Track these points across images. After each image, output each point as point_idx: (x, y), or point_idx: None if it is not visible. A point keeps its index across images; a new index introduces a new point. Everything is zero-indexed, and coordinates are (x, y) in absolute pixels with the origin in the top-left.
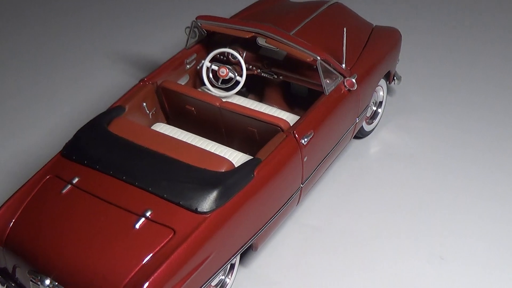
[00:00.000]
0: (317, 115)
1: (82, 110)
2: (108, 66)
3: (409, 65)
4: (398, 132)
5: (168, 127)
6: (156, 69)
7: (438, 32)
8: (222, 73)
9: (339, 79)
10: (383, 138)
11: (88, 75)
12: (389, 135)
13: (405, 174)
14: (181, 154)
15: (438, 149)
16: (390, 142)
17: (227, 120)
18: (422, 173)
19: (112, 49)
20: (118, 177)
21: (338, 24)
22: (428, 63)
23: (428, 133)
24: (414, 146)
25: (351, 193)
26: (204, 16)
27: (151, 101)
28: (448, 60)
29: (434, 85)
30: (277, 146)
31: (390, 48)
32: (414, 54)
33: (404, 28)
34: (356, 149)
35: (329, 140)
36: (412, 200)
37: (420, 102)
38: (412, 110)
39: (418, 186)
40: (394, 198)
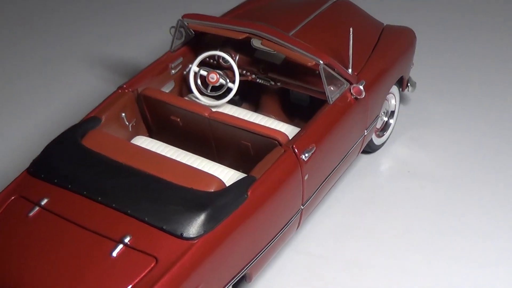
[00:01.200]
0: (320, 127)
1: (52, 121)
2: (82, 70)
3: (425, 69)
4: (413, 146)
5: (150, 141)
6: (137, 75)
7: (458, 32)
8: (212, 79)
9: (344, 86)
10: (396, 153)
11: (59, 81)
12: (402, 149)
13: (421, 194)
14: (164, 172)
15: (459, 166)
16: (404, 158)
17: (217, 133)
18: (441, 193)
19: (87, 51)
20: (92, 198)
21: (344, 23)
22: (447, 67)
23: (447, 148)
24: (432, 163)
25: (359, 216)
26: (191, 14)
27: (131, 111)
28: (470, 64)
29: (454, 93)
30: (274, 162)
31: (403, 50)
32: (431, 57)
33: (418, 28)
34: (364, 166)
35: (333, 156)
36: (429, 225)
37: (438, 111)
38: (429, 121)
39: (436, 209)
40: (408, 222)
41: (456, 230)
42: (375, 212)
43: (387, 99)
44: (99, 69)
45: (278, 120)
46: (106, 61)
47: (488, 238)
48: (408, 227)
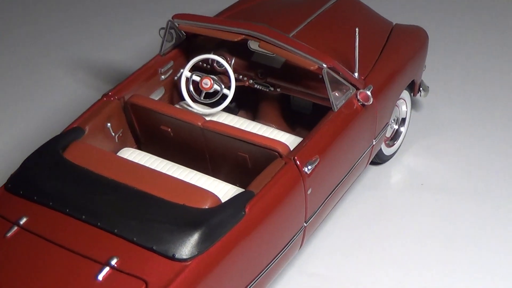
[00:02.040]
0: (324, 137)
1: (31, 132)
2: (64, 76)
3: (439, 72)
4: (426, 156)
5: (138, 153)
6: (123, 81)
7: (474, 31)
8: (206, 85)
9: (350, 92)
10: (408, 164)
11: (38, 88)
12: (414, 160)
13: (436, 208)
14: (154, 187)
15: (477, 177)
16: (417, 169)
17: (211, 144)
18: (457, 207)
19: (69, 55)
20: (76, 216)
21: (349, 23)
22: (463, 70)
23: (464, 157)
24: (447, 174)
25: (368, 234)
26: (182, 14)
27: (117, 120)
28: (489, 65)
29: (470, 97)
30: (274, 175)
31: (414, 51)
32: (445, 59)
33: (431, 27)
34: (373, 178)
35: (339, 168)
36: (445, 241)
37: (454, 118)
38: (444, 128)
39: (452, 224)
40: (422, 238)
41: (475, 247)
42: (385, 229)
43: (398, 105)
44: (82, 74)
45: (278, 129)
46: (90, 65)
47: (510, 254)
48: (422, 244)
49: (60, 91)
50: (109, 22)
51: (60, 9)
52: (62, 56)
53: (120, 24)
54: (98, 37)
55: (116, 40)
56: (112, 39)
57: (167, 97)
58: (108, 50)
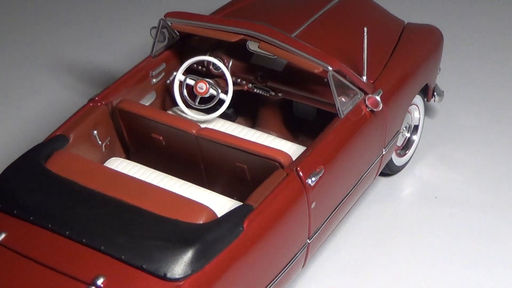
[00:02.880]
0: (329, 146)
1: (11, 140)
2: (47, 79)
3: (454, 75)
4: (441, 166)
5: (127, 163)
6: (111, 85)
7: (493, 31)
8: (201, 89)
9: (358, 97)
10: (421, 176)
11: (20, 91)
12: (428, 171)
13: (452, 224)
14: (144, 200)
15: (496, 189)
16: (430, 181)
17: (207, 153)
18: (475, 222)
19: (53, 56)
20: (59, 232)
21: (357, 22)
22: (481, 73)
23: (482, 168)
24: (464, 186)
25: (377, 251)
26: (175, 12)
27: (104, 128)
28: (508, 69)
29: (489, 103)
30: (274, 188)
31: (428, 53)
32: (461, 61)
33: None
34: (383, 191)
35: (345, 180)
36: (461, 259)
37: (471, 125)
38: (460, 136)
39: (469, 240)
40: (436, 256)
41: (494, 264)
42: (396, 246)
43: (410, 112)
44: (66, 77)
45: (279, 137)
46: (75, 67)
47: None
48: (437, 262)
49: (43, 96)
50: (96, 21)
51: (43, 9)
52: (45, 58)
53: (108, 23)
54: (84, 37)
55: (103, 40)
56: (99, 39)
57: (158, 103)
58: (94, 52)
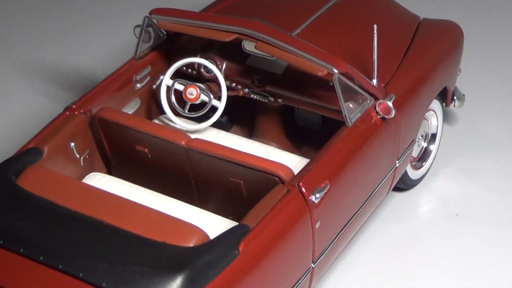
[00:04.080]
0: (336, 158)
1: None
2: (19, 84)
3: (476, 77)
4: (462, 180)
5: (108, 179)
6: (90, 91)
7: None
8: (191, 95)
9: (367, 103)
10: (439, 190)
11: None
12: (447, 185)
13: (475, 244)
14: (128, 221)
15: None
16: (450, 196)
17: (198, 167)
18: (500, 243)
19: (25, 60)
20: (32, 257)
21: (366, 18)
22: (506, 74)
23: (508, 182)
24: (487, 202)
25: (391, 276)
26: (162, 9)
27: (82, 139)
28: None
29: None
30: (274, 206)
31: (446, 52)
32: (484, 61)
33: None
34: (397, 208)
35: (354, 196)
36: (486, 284)
37: (495, 133)
38: (483, 146)
39: (498, 264)
40: (457, 281)
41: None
42: (412, 269)
43: (426, 118)
44: (40, 82)
45: (279, 148)
46: (50, 71)
47: None
48: None
49: (13, 104)
50: (72, 18)
51: (15, 7)
52: (14, 61)
53: (86, 21)
54: (59, 37)
55: (80, 40)
56: (76, 39)
57: (143, 110)
58: (71, 53)
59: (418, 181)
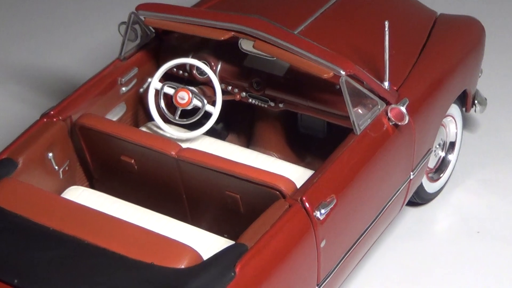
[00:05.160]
0: (343, 169)
1: None
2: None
3: (500, 78)
4: (483, 193)
5: (90, 193)
6: (70, 95)
7: None
8: (182, 99)
9: (378, 108)
10: (459, 205)
11: None
12: (468, 199)
13: (498, 264)
14: (112, 240)
15: None
16: (471, 211)
17: (190, 180)
18: None
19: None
20: (6, 280)
21: (376, 14)
22: None
23: None
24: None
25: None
26: (149, 4)
27: (61, 149)
28: None
29: None
30: (274, 223)
31: (466, 51)
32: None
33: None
34: (412, 225)
35: (364, 211)
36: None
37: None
38: (507, 156)
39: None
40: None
41: None
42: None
43: (444, 125)
44: (15, 86)
45: (280, 159)
46: (26, 74)
47: None
48: None
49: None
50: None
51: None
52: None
53: (67, 18)
54: (37, 36)
55: (60, 40)
56: (55, 39)
57: (129, 117)
58: (49, 54)
59: (435, 194)
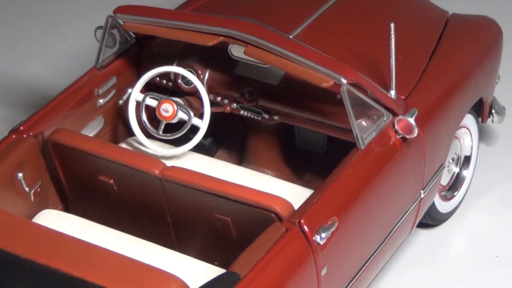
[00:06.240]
0: (345, 188)
1: None
2: None
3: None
4: (503, 214)
5: (65, 218)
6: (42, 108)
7: None
8: (166, 112)
9: (384, 119)
10: (476, 226)
11: None
12: (486, 219)
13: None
14: (89, 269)
15: None
16: (489, 234)
17: (176, 202)
18: None
19: None
20: None
21: (380, 15)
22: None
23: None
24: None
25: None
26: (129, 7)
27: (32, 168)
28: None
29: None
30: (269, 249)
31: (481, 55)
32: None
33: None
34: (424, 248)
35: (369, 235)
36: None
37: None
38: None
39: None
40: None
41: None
42: None
43: (458, 137)
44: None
45: (276, 177)
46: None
47: None
48: None
49: None
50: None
51: None
52: None
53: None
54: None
55: (31, 48)
56: (25, 46)
57: (108, 132)
58: (19, 63)
59: (448, 215)
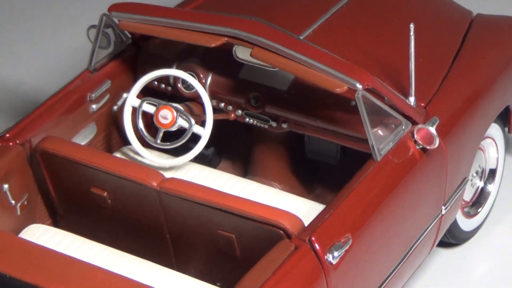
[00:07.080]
0: (360, 203)
1: None
2: None
3: None
4: None
5: (54, 233)
6: (30, 114)
7: None
8: (165, 119)
9: (403, 129)
10: (501, 246)
11: None
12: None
13: None
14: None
15: None
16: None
17: (175, 217)
18: None
19: None
20: None
21: (399, 15)
22: None
23: None
24: None
25: None
26: (124, 4)
27: (19, 180)
28: None
29: None
30: (277, 268)
31: (508, 60)
32: None
33: None
34: (445, 269)
35: (385, 254)
36: None
37: None
38: None
39: None
40: None
41: None
42: None
43: (482, 149)
44: None
45: (284, 190)
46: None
47: None
48: None
49: None
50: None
51: None
52: None
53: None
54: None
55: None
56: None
57: (101, 140)
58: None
59: (472, 233)
